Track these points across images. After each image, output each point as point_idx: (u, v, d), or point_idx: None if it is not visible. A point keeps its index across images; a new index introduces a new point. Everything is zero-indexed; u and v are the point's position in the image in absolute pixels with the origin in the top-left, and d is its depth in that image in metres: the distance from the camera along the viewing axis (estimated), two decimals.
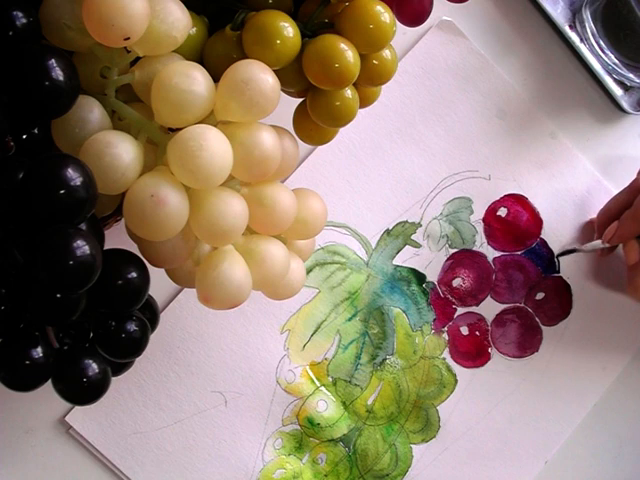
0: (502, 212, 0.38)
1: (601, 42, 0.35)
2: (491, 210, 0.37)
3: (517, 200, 0.38)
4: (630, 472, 0.38)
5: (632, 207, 0.34)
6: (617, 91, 0.37)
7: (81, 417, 0.33)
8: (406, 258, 0.37)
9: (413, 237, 0.37)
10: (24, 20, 0.21)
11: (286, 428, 0.35)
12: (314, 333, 0.36)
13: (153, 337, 0.26)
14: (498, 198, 0.37)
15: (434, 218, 0.37)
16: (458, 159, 0.37)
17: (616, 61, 0.36)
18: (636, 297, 0.34)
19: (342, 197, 0.36)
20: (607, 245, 0.35)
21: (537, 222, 0.38)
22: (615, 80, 0.37)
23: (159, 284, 0.25)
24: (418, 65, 0.36)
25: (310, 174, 0.36)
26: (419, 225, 0.37)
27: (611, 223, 0.35)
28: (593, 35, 0.35)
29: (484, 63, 0.37)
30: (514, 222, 0.38)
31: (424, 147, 0.37)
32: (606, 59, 0.36)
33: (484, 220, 0.37)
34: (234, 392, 0.35)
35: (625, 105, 0.37)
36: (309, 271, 0.36)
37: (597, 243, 0.36)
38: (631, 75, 0.36)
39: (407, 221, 0.37)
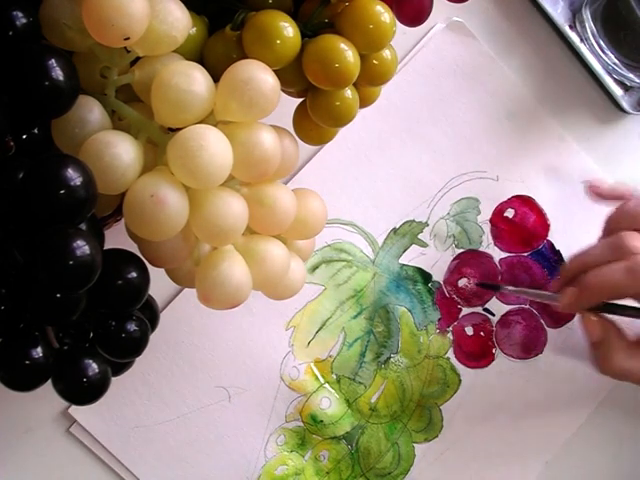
0: (509, 213, 0.37)
1: (601, 42, 0.35)
2: (498, 211, 0.37)
3: (524, 202, 0.37)
4: (630, 471, 0.38)
5: (601, 274, 0.30)
6: (617, 91, 0.37)
7: (84, 410, 0.34)
8: (412, 257, 0.37)
9: (420, 236, 0.37)
10: (24, 20, 0.21)
11: (289, 424, 0.36)
12: (319, 330, 0.36)
13: (158, 331, 0.26)
14: (505, 199, 0.37)
15: (441, 218, 0.37)
16: (466, 159, 0.37)
17: (616, 61, 0.35)
18: (605, 374, 0.32)
19: (350, 195, 0.36)
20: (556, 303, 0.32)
21: (544, 224, 0.37)
22: (615, 80, 0.37)
23: (159, 284, 0.25)
24: (428, 65, 0.36)
25: (318, 172, 0.36)
26: (426, 224, 0.37)
27: (577, 274, 0.31)
28: (593, 35, 0.35)
29: (493, 64, 0.37)
30: (521, 223, 0.37)
31: (432, 147, 0.36)
32: (606, 59, 0.35)
33: (491, 221, 0.37)
34: (238, 387, 0.35)
35: (625, 105, 0.37)
36: (315, 268, 0.36)
37: (533, 291, 0.34)
38: (631, 75, 0.36)
39: (414, 220, 0.37)
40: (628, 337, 0.32)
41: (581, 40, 0.36)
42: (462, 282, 0.37)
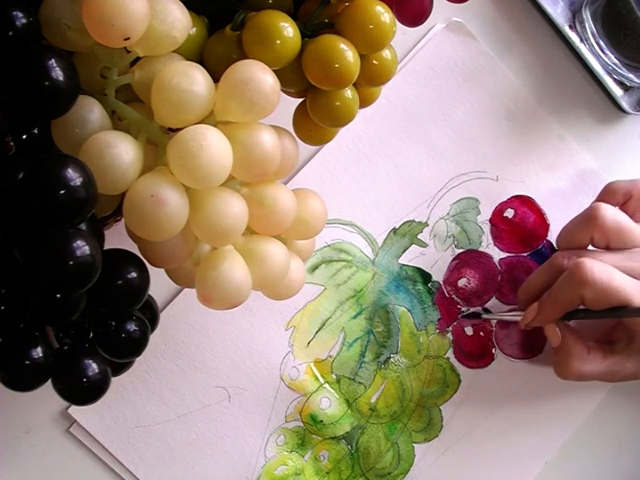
0: (509, 213, 0.37)
1: (601, 42, 0.35)
2: (498, 211, 0.37)
3: (524, 202, 0.37)
4: (630, 472, 0.38)
5: (551, 292, 0.32)
6: (617, 91, 0.37)
7: (84, 410, 0.34)
8: (412, 257, 0.37)
9: (419, 236, 0.37)
10: (24, 20, 0.21)
11: (289, 425, 0.36)
12: (319, 330, 0.36)
13: (158, 331, 0.26)
14: (505, 199, 0.37)
15: (441, 218, 0.37)
16: (466, 159, 0.37)
17: (616, 61, 0.35)
18: (564, 378, 0.33)
19: (349, 195, 0.36)
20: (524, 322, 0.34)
21: (544, 224, 0.37)
22: (615, 80, 0.37)
23: (159, 284, 0.25)
24: (428, 65, 0.36)
25: (318, 171, 0.36)
26: (426, 224, 0.37)
27: (531, 302, 0.34)
28: (593, 35, 0.35)
29: (493, 64, 0.37)
30: (521, 223, 0.37)
31: (432, 147, 0.36)
32: (606, 59, 0.35)
33: (491, 221, 0.37)
34: (238, 387, 0.35)
35: (625, 105, 0.37)
36: (315, 268, 0.36)
37: (509, 314, 0.35)
38: (631, 75, 0.36)
39: (414, 220, 0.37)
40: (586, 342, 0.33)
41: (581, 40, 0.36)
42: (462, 282, 0.37)
